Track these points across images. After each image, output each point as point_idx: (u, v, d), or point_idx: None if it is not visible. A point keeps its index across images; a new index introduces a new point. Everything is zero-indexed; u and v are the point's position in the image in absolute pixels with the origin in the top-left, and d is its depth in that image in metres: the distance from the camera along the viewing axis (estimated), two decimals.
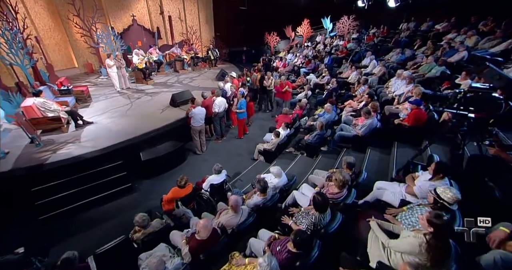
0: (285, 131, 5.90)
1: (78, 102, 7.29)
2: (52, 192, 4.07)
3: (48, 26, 10.24)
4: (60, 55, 11.19)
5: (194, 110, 5.77)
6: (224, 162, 5.93)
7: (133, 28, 11.58)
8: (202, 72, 11.58)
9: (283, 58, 13.05)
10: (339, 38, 12.23)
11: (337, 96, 7.79)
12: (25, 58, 7.40)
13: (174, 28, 12.75)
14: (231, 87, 7.03)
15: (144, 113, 6.69)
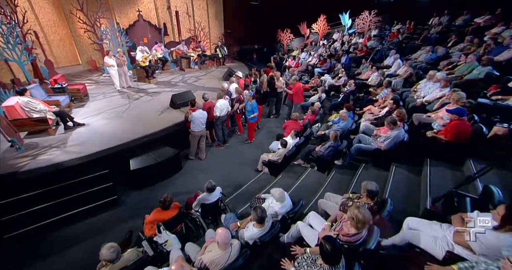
0: (293, 141, 5.30)
1: (74, 101, 7.05)
2: (23, 205, 3.69)
3: (53, 21, 10.21)
4: (65, 52, 11.20)
5: (194, 113, 5.31)
6: (224, 173, 5.51)
7: (138, 24, 11.38)
8: (209, 71, 11.25)
9: (296, 57, 12.53)
10: (358, 36, 11.43)
11: (354, 100, 7.08)
12: (23, 54, 7.22)
13: (182, 24, 12.49)
14: (236, 89, 6.47)
15: (141, 115, 6.37)
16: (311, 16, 13.90)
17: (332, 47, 11.70)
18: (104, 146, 4.86)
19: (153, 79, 9.45)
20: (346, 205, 2.79)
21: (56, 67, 10.74)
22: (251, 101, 6.16)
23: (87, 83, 9.07)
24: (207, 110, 5.74)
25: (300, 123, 6.00)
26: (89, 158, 4.56)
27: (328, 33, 13.92)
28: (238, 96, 6.48)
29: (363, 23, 12.10)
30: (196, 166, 5.78)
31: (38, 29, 9.70)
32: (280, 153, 5.05)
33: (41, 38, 9.87)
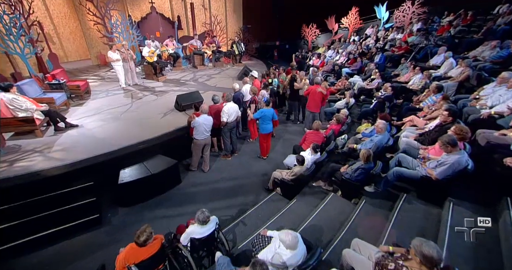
0: (312, 156, 4.58)
1: (73, 99, 6.89)
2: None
3: (64, 13, 10.31)
4: (75, 45, 11.32)
5: (197, 119, 4.80)
6: (228, 190, 4.92)
7: (151, 16, 11.26)
8: (223, 70, 10.93)
9: (322, 55, 11.80)
10: (397, 31, 10.36)
11: (391, 107, 6.17)
12: (26, 46, 7.17)
13: (197, 17, 12.32)
14: (251, 89, 5.86)
15: (142, 117, 6.06)
16: (341, 9, 13.10)
17: (364, 44, 10.75)
18: (93, 153, 4.48)
19: (162, 77, 9.23)
20: (385, 268, 2.03)
21: (65, 62, 10.95)
22: (264, 107, 5.45)
23: (92, 79, 9.16)
24: (214, 115, 5.25)
25: (322, 135, 5.25)
26: (73, 166, 4.16)
27: (360, 29, 12.98)
28: (253, 97, 5.88)
29: (403, 16, 10.97)
30: (198, 179, 5.24)
31: (48, 22, 9.83)
32: (295, 172, 4.34)
33: (51, 31, 10.03)
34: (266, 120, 5.43)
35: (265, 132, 5.56)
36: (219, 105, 5.42)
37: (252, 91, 5.92)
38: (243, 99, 6.23)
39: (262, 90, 6.29)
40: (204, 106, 4.96)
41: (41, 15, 9.69)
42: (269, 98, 5.63)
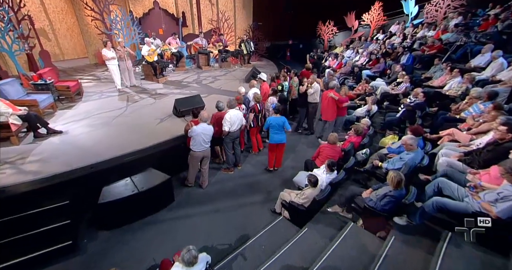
0: (327, 176, 4.08)
1: (61, 101, 6.67)
2: None
3: (61, 7, 10.28)
4: (73, 43, 11.26)
5: (195, 127, 4.41)
6: (228, 210, 4.46)
7: (154, 12, 11.14)
8: (230, 71, 10.70)
9: (339, 55, 11.36)
10: (428, 27, 9.72)
11: (423, 117, 5.56)
12: (14, 42, 7.06)
13: (203, 13, 12.11)
14: (255, 96, 5.45)
15: (135, 124, 5.79)
16: (362, 5, 12.58)
17: (388, 43, 10.16)
18: (73, 165, 4.14)
19: (162, 78, 9.02)
20: None
21: (61, 60, 10.85)
22: (275, 115, 5.02)
23: (87, 79, 9.03)
24: (216, 123, 4.92)
25: (339, 149, 4.72)
26: (48, 181, 3.80)
27: (384, 26, 12.40)
28: (253, 105, 5.49)
29: (436, 10, 10.26)
30: (194, 197, 4.83)
31: (43, 17, 9.82)
32: (307, 195, 3.83)
33: (46, 27, 9.99)
34: (275, 130, 5.04)
35: (273, 142, 5.17)
36: (223, 113, 5.04)
37: (255, 99, 5.45)
38: (248, 106, 5.85)
39: (271, 97, 5.83)
40: (203, 114, 4.56)
41: (36, 10, 9.67)
42: (278, 105, 5.18)
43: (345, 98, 5.84)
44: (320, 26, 14.20)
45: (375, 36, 11.85)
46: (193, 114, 4.98)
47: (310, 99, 6.26)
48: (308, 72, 7.61)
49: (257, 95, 5.50)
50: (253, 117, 5.47)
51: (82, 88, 7.42)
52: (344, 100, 5.81)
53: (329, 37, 14.21)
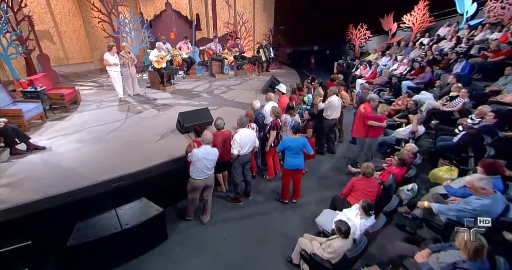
0: (363, 221, 3.39)
1: (53, 111, 6.52)
2: None
3: (67, 9, 10.52)
4: (78, 46, 11.42)
5: (195, 151, 3.95)
6: (233, 257, 3.87)
7: (165, 14, 11.12)
8: (246, 80, 10.52)
9: (373, 63, 10.78)
10: (490, 28, 8.86)
11: (493, 145, 4.63)
12: (10, 45, 7.08)
13: (219, 16, 12.10)
14: (273, 110, 4.97)
15: (131, 140, 5.47)
16: (402, 5, 11.93)
17: (435, 48, 9.36)
18: (48, 191, 3.76)
19: (170, 86, 8.84)
20: None
21: (65, 65, 10.96)
22: (293, 135, 4.47)
23: (88, 86, 9.04)
24: (221, 144, 4.45)
25: (376, 183, 3.99)
26: (9, 214, 3.35)
27: (429, 28, 11.60)
28: (274, 121, 5.02)
29: (503, 7, 9.25)
30: (192, 236, 4.26)
31: (48, 18, 10.06)
32: (335, 248, 3.14)
33: (51, 29, 10.20)
34: (292, 153, 4.51)
35: (289, 168, 4.62)
36: (225, 132, 4.64)
37: (274, 113, 5.01)
38: (263, 122, 5.40)
39: (284, 115, 5.34)
40: (206, 135, 4.08)
41: (41, 11, 9.91)
42: (298, 123, 4.61)
43: (381, 116, 5.14)
44: (351, 30, 13.82)
45: (418, 40, 11.08)
46: (195, 132, 4.53)
47: (325, 114, 5.87)
48: (332, 84, 7.06)
49: (276, 109, 5.04)
50: (274, 136, 5.02)
51: (79, 97, 7.30)
52: (380, 118, 5.12)
53: (361, 43, 13.77)
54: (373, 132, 5.29)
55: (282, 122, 5.10)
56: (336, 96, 5.76)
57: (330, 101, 5.70)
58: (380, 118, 5.12)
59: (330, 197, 4.49)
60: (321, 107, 5.80)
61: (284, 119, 5.15)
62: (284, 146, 4.47)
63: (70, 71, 10.37)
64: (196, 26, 11.64)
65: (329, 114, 5.83)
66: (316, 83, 6.75)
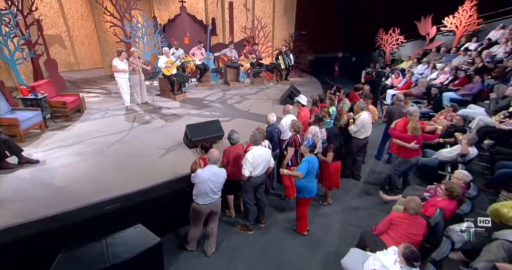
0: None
1: (55, 120, 6.46)
2: None
3: (81, 12, 10.84)
4: (90, 51, 11.66)
5: (200, 172, 3.62)
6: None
7: (180, 18, 11.07)
8: (263, 88, 10.35)
9: (407, 71, 10.37)
10: None
11: None
12: (17, 49, 7.19)
13: (236, 20, 12.04)
14: (293, 124, 4.62)
15: (133, 154, 5.34)
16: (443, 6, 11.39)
17: (487, 54, 8.69)
18: (30, 215, 3.53)
19: (181, 95, 8.73)
20: None
21: (76, 70, 11.15)
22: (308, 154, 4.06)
23: (95, 93, 9.10)
24: (233, 161, 4.23)
25: (423, 223, 3.39)
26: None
27: (477, 31, 10.92)
28: (293, 137, 4.64)
29: None
30: None
31: (61, 22, 10.34)
32: None
33: (63, 33, 10.48)
34: (312, 177, 4.12)
35: (310, 196, 4.20)
36: (239, 147, 4.34)
37: (294, 127, 4.61)
38: (279, 137, 5.06)
39: (313, 127, 4.87)
40: (213, 153, 3.74)
41: (53, 15, 10.21)
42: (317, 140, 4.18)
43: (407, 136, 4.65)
44: (381, 35, 13.43)
45: (463, 45, 10.42)
46: (202, 148, 4.25)
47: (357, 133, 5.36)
48: (356, 95, 6.63)
49: (296, 123, 4.63)
50: (292, 154, 4.61)
51: (84, 104, 7.27)
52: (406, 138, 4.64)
53: (392, 49, 13.35)
54: (405, 152, 4.76)
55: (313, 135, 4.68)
56: (365, 112, 5.26)
57: (361, 120, 5.17)
58: (406, 138, 4.66)
59: (357, 231, 3.97)
60: (354, 130, 5.27)
61: (312, 131, 4.77)
62: (307, 168, 3.96)
63: (79, 77, 10.53)
64: (212, 31, 11.61)
65: (361, 133, 5.31)
66: (342, 94, 6.27)
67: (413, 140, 4.59)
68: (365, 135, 5.30)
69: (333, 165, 4.76)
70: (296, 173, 4.02)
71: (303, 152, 4.17)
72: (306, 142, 4.07)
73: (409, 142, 4.61)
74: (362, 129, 5.23)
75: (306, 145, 4.06)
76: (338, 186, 4.99)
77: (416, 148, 4.66)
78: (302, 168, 3.96)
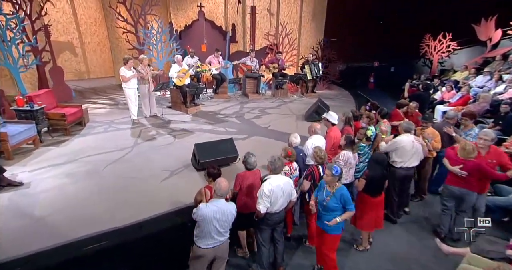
0: None
1: (51, 134, 6.36)
2: None
3: (94, 18, 11.21)
4: (102, 59, 11.93)
5: (203, 207, 3.16)
6: None
7: (197, 24, 11.13)
8: (287, 102, 10.12)
9: (462, 83, 9.76)
10: None
11: None
12: (21, 56, 7.25)
13: (258, 26, 11.84)
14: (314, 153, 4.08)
15: (132, 177, 5.06)
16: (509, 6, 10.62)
17: None
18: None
19: (193, 107, 8.60)
20: None
21: (86, 79, 11.32)
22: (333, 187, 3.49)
23: (102, 104, 9.17)
24: (250, 189, 3.86)
25: None
26: None
27: None
28: (311, 168, 4.12)
29: None
30: None
31: (73, 28, 10.59)
32: None
33: (75, 40, 10.77)
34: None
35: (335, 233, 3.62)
36: (255, 174, 3.93)
37: (315, 157, 4.04)
38: (304, 162, 4.57)
39: (345, 152, 4.28)
40: (220, 184, 3.24)
41: (66, 21, 10.51)
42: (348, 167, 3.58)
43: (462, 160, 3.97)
44: (427, 41, 12.87)
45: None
46: (208, 174, 3.73)
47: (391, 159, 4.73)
48: (398, 114, 5.97)
49: (319, 151, 4.02)
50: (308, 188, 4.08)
51: (86, 117, 7.23)
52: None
53: (442, 57, 12.73)
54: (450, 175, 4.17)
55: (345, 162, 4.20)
56: (407, 135, 4.56)
57: (395, 142, 4.51)
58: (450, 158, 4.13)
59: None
60: (383, 149, 4.71)
61: (345, 157, 4.24)
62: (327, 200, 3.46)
63: (88, 86, 10.71)
64: (231, 38, 11.57)
65: (397, 160, 4.64)
66: (377, 113, 5.64)
67: (459, 163, 3.97)
68: (405, 165, 4.59)
69: (370, 199, 4.10)
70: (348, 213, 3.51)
71: (329, 182, 3.58)
72: (333, 170, 3.46)
73: (452, 164, 4.05)
74: (400, 156, 4.57)
75: (334, 174, 3.45)
76: (378, 226, 4.30)
77: (462, 175, 3.99)
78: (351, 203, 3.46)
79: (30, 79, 8.48)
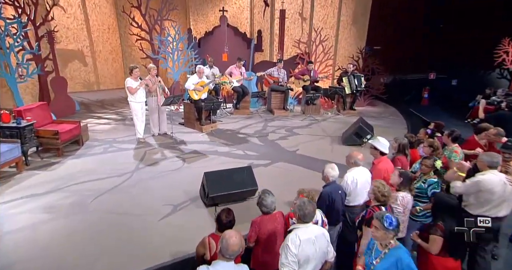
0: None
1: (40, 155, 6.19)
2: None
3: (107, 25, 11.41)
4: (113, 69, 12.08)
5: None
6: None
7: (219, 31, 11.17)
8: (319, 120, 9.85)
9: None
10: None
11: None
12: (19, 64, 7.27)
13: (288, 32, 11.55)
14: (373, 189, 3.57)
15: (124, 213, 4.69)
16: None
17: None
18: None
19: (209, 125, 8.40)
20: None
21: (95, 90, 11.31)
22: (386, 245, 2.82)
23: (107, 119, 9.14)
24: (265, 243, 3.39)
25: None
26: None
27: None
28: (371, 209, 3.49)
29: None
30: None
31: (84, 35, 10.74)
32: None
33: (85, 48, 10.96)
34: None
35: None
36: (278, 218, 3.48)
37: (377, 196, 3.37)
38: (343, 203, 3.95)
39: (404, 194, 3.59)
40: (228, 241, 2.64)
41: (77, 27, 10.70)
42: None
43: None
44: (505, 47, 11.98)
45: None
46: (218, 223, 3.16)
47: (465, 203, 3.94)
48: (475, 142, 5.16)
49: (381, 186, 3.36)
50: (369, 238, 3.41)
51: (85, 134, 7.11)
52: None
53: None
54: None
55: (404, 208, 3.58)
56: (493, 172, 3.71)
57: (479, 181, 3.66)
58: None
59: None
60: (459, 190, 3.90)
61: (404, 200, 3.60)
62: None
63: (96, 99, 10.84)
64: (256, 46, 11.50)
65: (474, 205, 3.78)
66: (447, 136, 4.82)
67: None
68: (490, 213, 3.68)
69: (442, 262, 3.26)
70: None
71: (379, 239, 2.82)
72: (385, 222, 2.71)
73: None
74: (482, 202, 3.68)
75: (387, 227, 2.69)
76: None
77: None
78: None
79: (31, 91, 8.52)
